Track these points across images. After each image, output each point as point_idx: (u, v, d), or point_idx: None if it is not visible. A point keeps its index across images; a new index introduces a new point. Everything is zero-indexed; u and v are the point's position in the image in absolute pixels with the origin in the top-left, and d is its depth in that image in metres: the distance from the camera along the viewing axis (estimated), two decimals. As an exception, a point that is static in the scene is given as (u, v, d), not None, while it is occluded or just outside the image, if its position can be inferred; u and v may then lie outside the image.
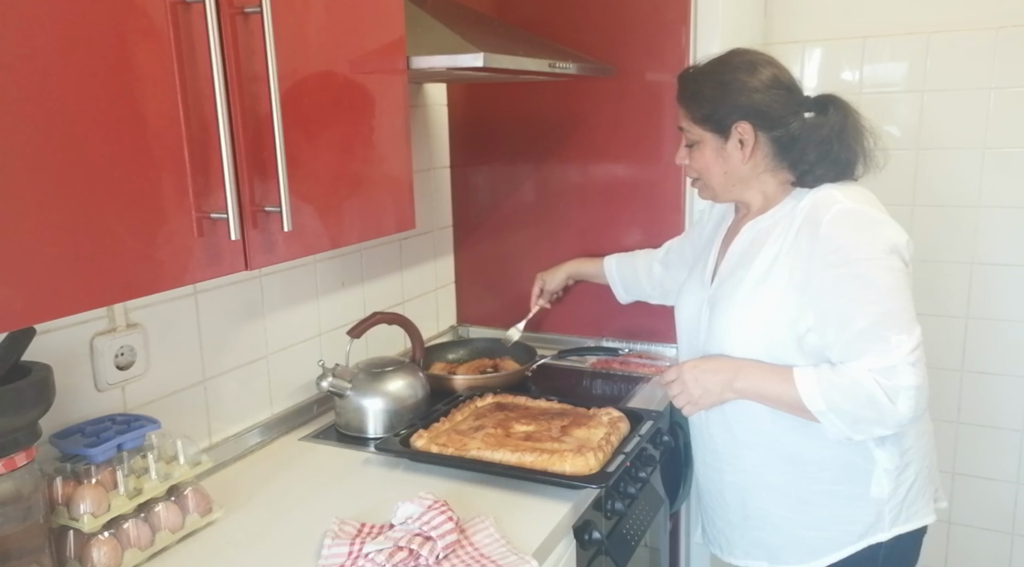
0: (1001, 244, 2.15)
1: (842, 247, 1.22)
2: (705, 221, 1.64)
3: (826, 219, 1.24)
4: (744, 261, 1.36)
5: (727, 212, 1.52)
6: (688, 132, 1.37)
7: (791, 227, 1.30)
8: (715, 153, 1.36)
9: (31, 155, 0.76)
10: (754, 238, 1.36)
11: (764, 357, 1.30)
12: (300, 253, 1.13)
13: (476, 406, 1.64)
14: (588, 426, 1.48)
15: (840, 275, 1.22)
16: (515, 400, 1.66)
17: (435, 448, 1.42)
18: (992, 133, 2.10)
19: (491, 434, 1.46)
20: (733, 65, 1.34)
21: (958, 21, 2.08)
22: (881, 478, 1.31)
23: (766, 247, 1.32)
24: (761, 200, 1.38)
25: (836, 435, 1.25)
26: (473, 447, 1.40)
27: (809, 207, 1.28)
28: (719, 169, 1.37)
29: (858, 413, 1.21)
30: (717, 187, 1.39)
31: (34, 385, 0.99)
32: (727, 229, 1.48)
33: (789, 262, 1.28)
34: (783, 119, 1.31)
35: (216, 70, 0.92)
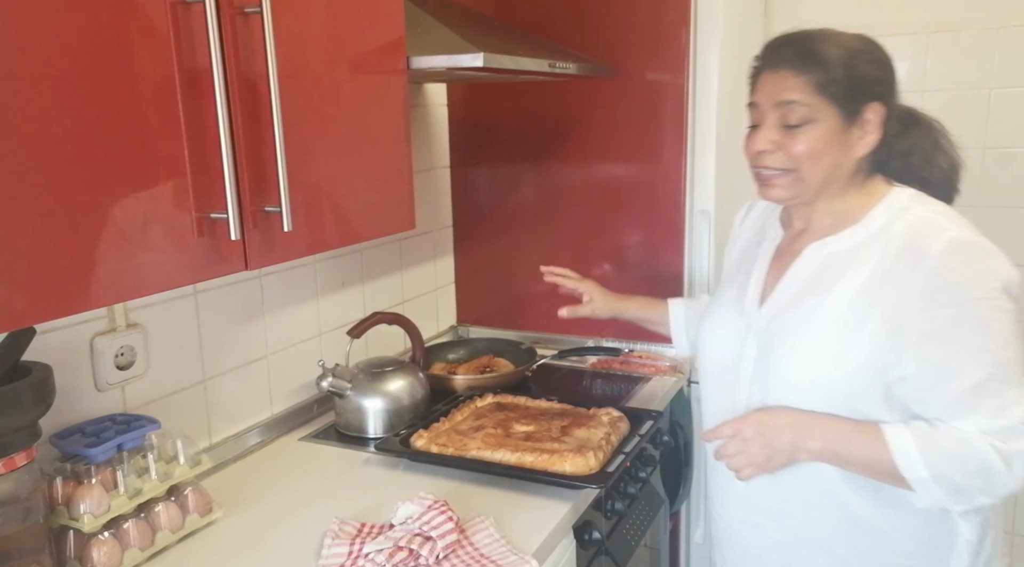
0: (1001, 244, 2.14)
1: (956, 283, 1.01)
2: (736, 235, 1.39)
3: (935, 249, 1.02)
4: (813, 291, 1.11)
5: (767, 225, 1.28)
6: (798, 105, 1.07)
7: (884, 255, 1.07)
8: (832, 138, 1.08)
9: (31, 155, 0.76)
10: (824, 263, 1.12)
11: (841, 412, 1.07)
12: (300, 253, 1.13)
13: (476, 406, 1.64)
14: (588, 426, 1.48)
15: (953, 317, 1.01)
16: (515, 400, 1.66)
17: (435, 448, 1.42)
18: (992, 133, 2.10)
19: (491, 434, 1.46)
20: (865, 38, 1.13)
21: (958, 21, 2.08)
22: (962, 552, 1.10)
23: (847, 277, 1.09)
24: (834, 212, 1.14)
25: (929, 505, 1.04)
26: (473, 447, 1.40)
27: (907, 232, 1.06)
28: (830, 160, 1.08)
29: (965, 481, 1.01)
30: (815, 182, 1.10)
31: (34, 385, 0.99)
32: (776, 248, 1.23)
33: (883, 298, 1.04)
34: (896, 113, 1.12)
35: (216, 70, 0.92)
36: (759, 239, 1.28)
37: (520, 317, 2.19)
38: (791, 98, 1.08)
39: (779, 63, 1.10)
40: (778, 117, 1.09)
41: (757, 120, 1.12)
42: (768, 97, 1.10)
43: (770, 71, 1.11)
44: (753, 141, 1.12)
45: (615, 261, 2.04)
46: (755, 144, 1.11)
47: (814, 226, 1.16)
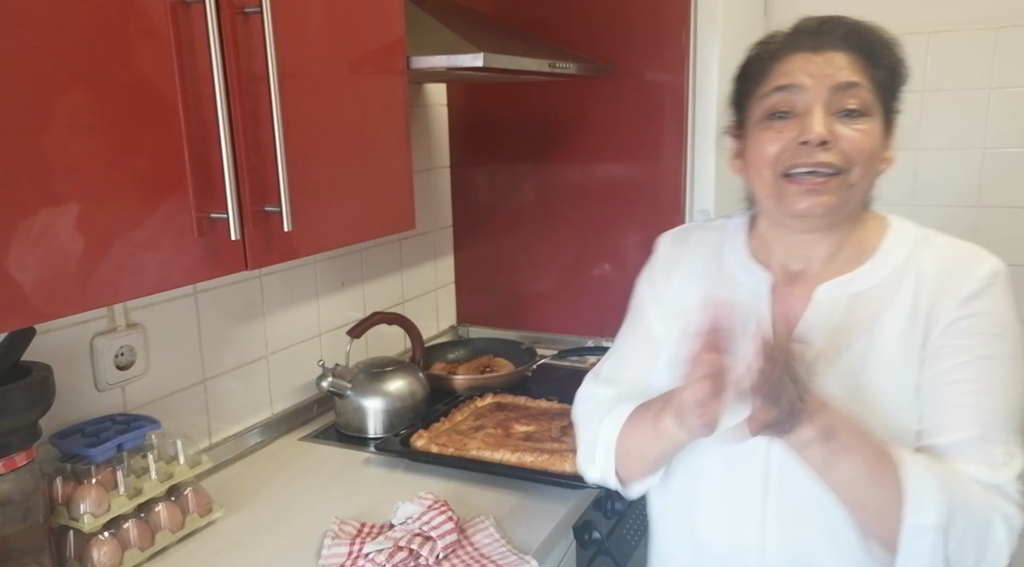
0: (1001, 244, 2.13)
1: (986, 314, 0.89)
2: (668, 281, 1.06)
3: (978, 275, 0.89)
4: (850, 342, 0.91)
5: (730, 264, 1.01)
6: (862, 89, 0.88)
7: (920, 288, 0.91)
8: (880, 139, 0.91)
9: (31, 155, 0.76)
10: (850, 307, 0.92)
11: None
12: (300, 253, 1.13)
13: (476, 406, 1.64)
14: None
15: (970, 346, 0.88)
16: (515, 400, 1.66)
17: (435, 448, 1.42)
18: (992, 133, 2.10)
19: (491, 434, 1.46)
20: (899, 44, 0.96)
21: (958, 21, 2.08)
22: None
23: (882, 319, 0.91)
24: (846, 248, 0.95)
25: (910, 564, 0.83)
26: (473, 447, 1.40)
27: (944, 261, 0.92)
28: (875, 166, 0.91)
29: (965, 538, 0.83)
30: (859, 194, 0.92)
31: (34, 385, 0.99)
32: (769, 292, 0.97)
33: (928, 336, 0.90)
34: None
35: (216, 70, 0.92)
36: (726, 287, 1.00)
37: (520, 317, 2.19)
38: (853, 79, 0.88)
39: (826, 43, 0.90)
40: (832, 103, 0.88)
41: (792, 107, 0.89)
42: (818, 78, 0.88)
43: (811, 52, 0.90)
44: (803, 127, 0.87)
45: (615, 261, 2.04)
46: (809, 130, 0.86)
47: (817, 265, 0.95)
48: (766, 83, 0.92)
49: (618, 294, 2.08)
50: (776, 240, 0.99)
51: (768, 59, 0.93)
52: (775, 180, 0.91)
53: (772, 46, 0.94)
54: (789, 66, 0.91)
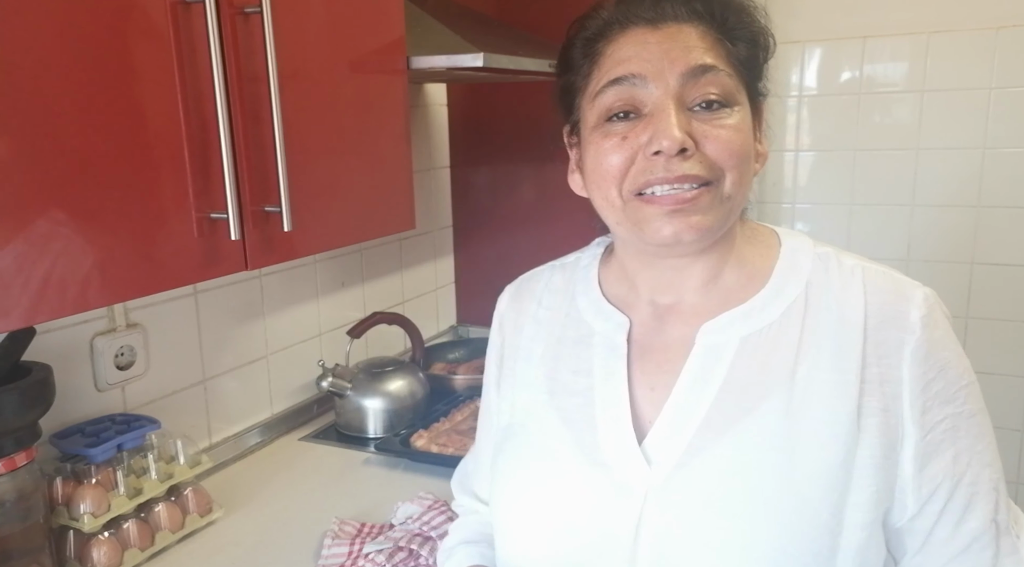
0: (1001, 244, 2.15)
1: (950, 365, 0.69)
2: (507, 343, 0.87)
3: (915, 317, 0.68)
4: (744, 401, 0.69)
5: (579, 311, 0.81)
6: (721, 73, 0.68)
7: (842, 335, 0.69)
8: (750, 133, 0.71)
9: (31, 155, 0.76)
10: (741, 353, 0.71)
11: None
12: (300, 253, 1.13)
13: (476, 406, 1.64)
14: None
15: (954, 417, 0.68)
16: None
17: (435, 448, 1.42)
18: (992, 133, 2.09)
19: None
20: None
21: (958, 21, 2.07)
22: None
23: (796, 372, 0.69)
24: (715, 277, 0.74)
25: None
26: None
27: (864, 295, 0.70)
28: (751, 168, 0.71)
29: None
30: (740, 203, 0.71)
31: (34, 385, 0.99)
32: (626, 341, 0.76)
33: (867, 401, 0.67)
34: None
35: (216, 70, 0.92)
36: (578, 336, 0.79)
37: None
38: (708, 61, 0.67)
39: (669, 13, 0.69)
40: (685, 97, 0.68)
41: (634, 105, 0.69)
42: (662, 63, 0.67)
43: (649, 27, 0.69)
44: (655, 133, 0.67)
45: (615, 261, 2.04)
46: (662, 136, 0.66)
47: (692, 298, 0.74)
48: (597, 75, 0.72)
49: (618, 294, 2.08)
50: (636, 271, 0.78)
51: (595, 40, 0.74)
52: (625, 202, 0.70)
53: (598, 21, 0.74)
54: (623, 49, 0.70)
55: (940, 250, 2.20)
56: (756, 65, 0.72)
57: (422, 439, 1.45)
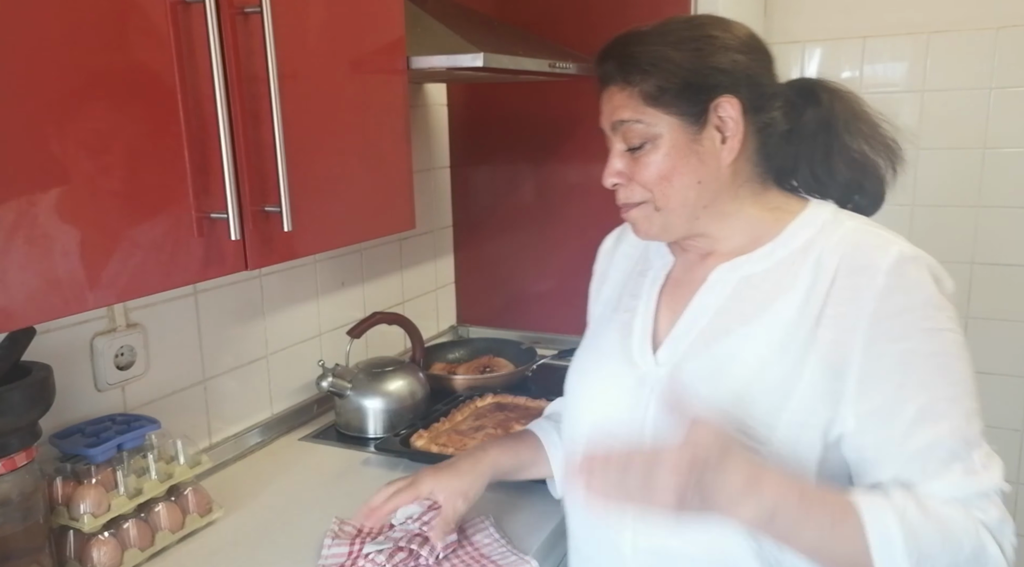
0: (1001, 244, 2.15)
1: (908, 309, 0.81)
2: (604, 269, 1.13)
3: (883, 265, 0.82)
4: (728, 326, 0.88)
5: (649, 252, 1.05)
6: (635, 123, 0.89)
7: (817, 277, 0.85)
8: (683, 151, 0.88)
9: (31, 155, 0.76)
10: (737, 290, 0.90)
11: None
12: (300, 253, 1.13)
13: (476, 406, 1.64)
14: None
15: (905, 353, 0.81)
16: (515, 400, 1.66)
17: (435, 448, 1.42)
18: (992, 133, 2.10)
19: (491, 434, 1.46)
20: (694, 22, 0.91)
21: (958, 21, 2.08)
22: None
23: (772, 306, 0.86)
24: (742, 231, 0.93)
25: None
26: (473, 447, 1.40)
27: (846, 248, 0.85)
28: (689, 177, 0.89)
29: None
30: (680, 208, 0.90)
31: (34, 385, 0.99)
32: (665, 277, 1.00)
33: (822, 334, 0.83)
34: (773, 98, 0.91)
35: (216, 70, 0.92)
36: (643, 269, 1.03)
37: (520, 317, 2.19)
38: (622, 117, 0.90)
39: (605, 78, 0.92)
40: (620, 140, 0.92)
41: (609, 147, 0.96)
42: (605, 119, 0.93)
43: (603, 89, 0.94)
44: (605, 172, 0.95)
45: (615, 261, 2.04)
46: (604, 178, 0.95)
47: (720, 249, 0.94)
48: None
49: (618, 294, 2.08)
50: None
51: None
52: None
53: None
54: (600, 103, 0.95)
55: (940, 250, 2.18)
56: (684, 94, 0.87)
57: (422, 439, 1.45)
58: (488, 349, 2.02)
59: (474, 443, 1.42)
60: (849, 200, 0.96)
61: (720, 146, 0.89)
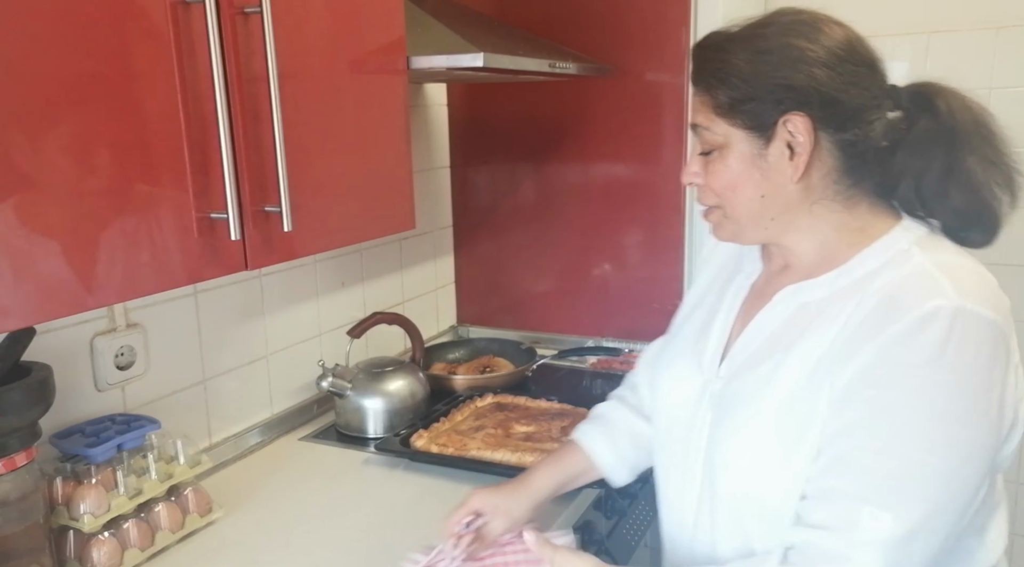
0: (1001, 244, 2.14)
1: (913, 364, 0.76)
2: (707, 258, 1.11)
3: (914, 314, 0.76)
4: (773, 350, 0.88)
5: (744, 255, 1.02)
6: (707, 130, 0.87)
7: (856, 311, 0.81)
8: (748, 163, 0.86)
9: (31, 155, 0.76)
10: (795, 315, 0.88)
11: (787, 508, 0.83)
12: (300, 253, 1.13)
13: (476, 406, 1.64)
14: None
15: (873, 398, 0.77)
16: (515, 400, 1.66)
17: (435, 448, 1.42)
18: (992, 133, 2.09)
19: (491, 434, 1.46)
20: (781, 25, 0.85)
21: (958, 21, 2.07)
22: None
23: (810, 334, 0.84)
24: (814, 249, 0.89)
25: None
26: (473, 447, 1.40)
27: (892, 286, 0.80)
28: (752, 190, 0.86)
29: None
30: (745, 218, 0.89)
31: (34, 385, 0.99)
32: (750, 286, 0.98)
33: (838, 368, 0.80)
34: (862, 114, 0.84)
35: (216, 70, 0.92)
36: (734, 271, 1.02)
37: (520, 317, 2.19)
38: (700, 122, 0.89)
39: (694, 76, 0.90)
40: (698, 143, 0.91)
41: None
42: (691, 117, 0.91)
43: (693, 83, 0.91)
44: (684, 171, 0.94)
45: (615, 261, 2.05)
46: (682, 176, 0.94)
47: (794, 264, 0.92)
48: None
49: (618, 294, 2.09)
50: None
51: None
52: None
53: None
54: None
55: (940, 250, 2.20)
56: (743, 102, 0.84)
57: (422, 439, 1.45)
58: (488, 349, 2.02)
59: (474, 443, 1.42)
60: (958, 231, 0.88)
61: (788, 162, 0.84)
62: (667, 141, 1.91)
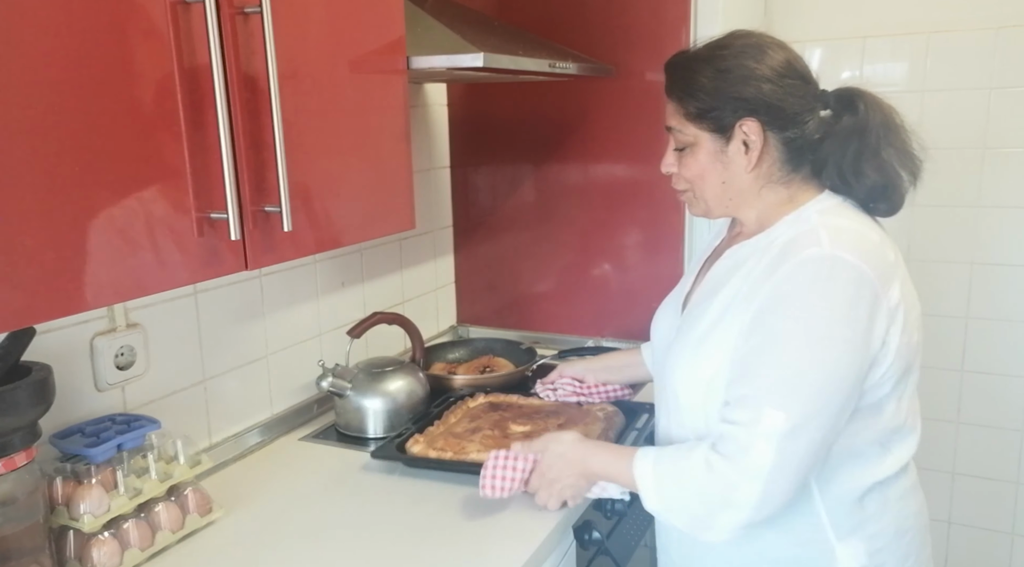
0: (1001, 244, 2.15)
1: (789, 296, 1.00)
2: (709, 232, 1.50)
3: (796, 258, 1.01)
4: (713, 293, 1.12)
5: (723, 225, 1.29)
6: (679, 132, 1.13)
7: (758, 263, 1.06)
8: (712, 158, 1.11)
9: (31, 155, 0.76)
10: (731, 267, 1.12)
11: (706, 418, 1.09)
12: (300, 253, 1.13)
13: (468, 407, 1.63)
14: (585, 423, 1.48)
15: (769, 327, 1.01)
16: (507, 398, 1.65)
17: (433, 453, 1.41)
18: (992, 133, 2.10)
19: (489, 436, 1.45)
20: (736, 48, 1.08)
21: (958, 21, 2.08)
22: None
23: (732, 281, 1.09)
24: (756, 219, 1.14)
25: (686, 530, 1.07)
26: (472, 449, 1.39)
27: (787, 243, 1.05)
28: (716, 178, 1.12)
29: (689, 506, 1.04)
30: (711, 199, 1.15)
31: (34, 385, 0.99)
32: (713, 249, 1.26)
33: (745, 306, 1.05)
34: (799, 116, 1.07)
35: (216, 70, 0.92)
36: (716, 234, 1.32)
37: (520, 317, 2.19)
38: (673, 125, 1.14)
39: (667, 88, 1.15)
40: (671, 140, 1.16)
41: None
42: (665, 121, 1.17)
43: (667, 94, 1.16)
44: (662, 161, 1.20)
45: (615, 261, 2.05)
46: (661, 165, 1.20)
47: (744, 231, 1.16)
48: None
49: (618, 294, 2.10)
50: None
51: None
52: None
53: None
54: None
55: (940, 250, 2.21)
56: (716, 113, 1.08)
57: (418, 444, 1.42)
58: (488, 349, 2.02)
59: (473, 446, 1.41)
60: (871, 203, 1.11)
61: (743, 157, 1.09)
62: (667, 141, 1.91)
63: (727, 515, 1.01)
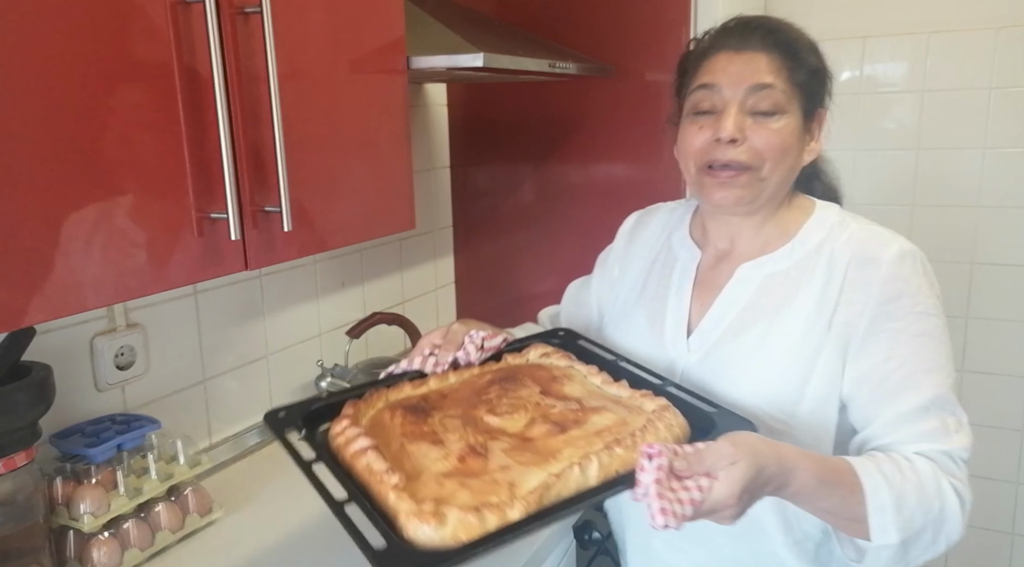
0: (1001, 244, 2.15)
1: (904, 295, 0.95)
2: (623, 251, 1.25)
3: (886, 258, 0.96)
4: (757, 317, 1.01)
5: (673, 243, 1.16)
6: (775, 90, 0.96)
7: (831, 272, 0.98)
8: (796, 135, 0.99)
9: (31, 155, 0.76)
10: (764, 286, 1.02)
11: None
12: (300, 253, 1.13)
13: (385, 423, 0.97)
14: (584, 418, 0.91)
15: (897, 331, 0.94)
16: (411, 394, 1.08)
17: (464, 534, 0.79)
18: (992, 133, 2.10)
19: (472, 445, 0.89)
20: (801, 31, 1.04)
21: (958, 21, 2.08)
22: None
23: (795, 299, 0.99)
24: (762, 234, 1.05)
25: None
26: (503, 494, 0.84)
27: (854, 246, 0.98)
28: (791, 160, 0.99)
29: (922, 535, 0.89)
30: (772, 186, 1.00)
31: (34, 385, 0.99)
32: (695, 269, 1.10)
33: (837, 319, 0.96)
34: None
35: (216, 70, 0.92)
36: (668, 260, 1.15)
37: (520, 317, 2.19)
38: (767, 81, 0.96)
39: (748, 44, 0.98)
40: (746, 103, 0.97)
41: (712, 105, 0.99)
42: (735, 79, 0.97)
43: (734, 52, 0.98)
44: (717, 126, 0.97)
45: (615, 261, 2.04)
46: (722, 129, 0.96)
47: (742, 246, 1.06)
48: (694, 79, 1.03)
49: (618, 294, 2.08)
50: (708, 222, 1.11)
51: (698, 56, 1.03)
52: (697, 172, 1.02)
53: (703, 43, 1.05)
54: (713, 65, 1.00)
55: (940, 250, 2.20)
56: (813, 87, 1.00)
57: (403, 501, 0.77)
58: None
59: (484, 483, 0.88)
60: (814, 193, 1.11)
61: (807, 147, 1.03)
62: (667, 141, 1.90)
63: (944, 539, 0.90)
